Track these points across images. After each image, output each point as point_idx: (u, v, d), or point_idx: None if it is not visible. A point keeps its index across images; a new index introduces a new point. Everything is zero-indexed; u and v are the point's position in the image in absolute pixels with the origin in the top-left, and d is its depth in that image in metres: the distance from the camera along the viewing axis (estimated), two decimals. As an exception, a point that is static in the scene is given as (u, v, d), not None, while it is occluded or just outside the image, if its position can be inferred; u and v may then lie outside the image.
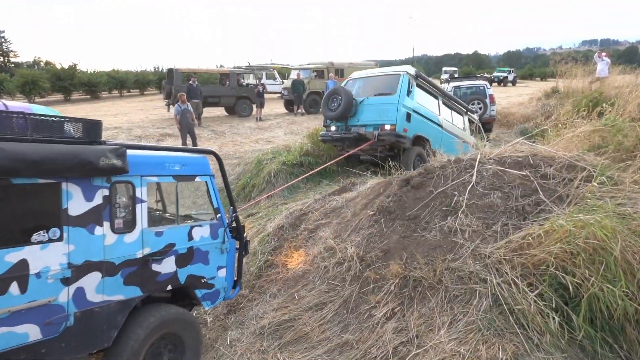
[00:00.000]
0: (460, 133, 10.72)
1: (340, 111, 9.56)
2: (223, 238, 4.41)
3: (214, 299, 4.40)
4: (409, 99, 9.19)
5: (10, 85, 31.75)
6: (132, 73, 38.28)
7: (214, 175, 4.39)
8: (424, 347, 3.93)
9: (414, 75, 9.47)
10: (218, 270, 4.37)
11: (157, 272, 3.84)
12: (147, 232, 3.78)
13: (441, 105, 10.30)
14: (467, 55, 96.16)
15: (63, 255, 3.28)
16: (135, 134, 15.37)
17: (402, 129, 8.94)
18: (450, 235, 4.82)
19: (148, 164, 3.84)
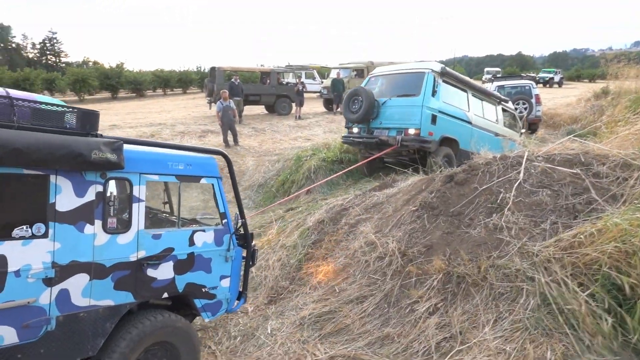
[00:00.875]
0: (493, 127, 10.02)
1: (361, 114, 9.08)
2: (228, 245, 4.09)
3: (215, 311, 4.07)
4: (434, 100, 8.60)
5: (61, 83, 33.31)
6: (175, 72, 39.33)
7: (221, 178, 4.15)
8: (467, 344, 3.86)
9: (440, 72, 8.83)
10: (221, 280, 4.05)
11: (153, 278, 3.55)
12: (143, 234, 3.50)
13: (470, 100, 9.57)
14: (510, 56, 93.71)
15: (47, 254, 3.02)
16: (179, 130, 15.79)
17: (427, 133, 8.43)
18: (495, 232, 4.71)
19: (148, 161, 3.58)
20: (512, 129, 10.68)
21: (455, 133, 8.96)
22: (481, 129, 9.54)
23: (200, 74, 39.54)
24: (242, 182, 11.49)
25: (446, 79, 8.92)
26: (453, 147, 8.95)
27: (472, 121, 9.33)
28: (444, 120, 8.71)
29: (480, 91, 9.90)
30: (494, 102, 10.33)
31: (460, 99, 9.34)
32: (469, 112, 9.29)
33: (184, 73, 39.38)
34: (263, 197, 10.39)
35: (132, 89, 35.09)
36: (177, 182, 3.82)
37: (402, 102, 8.90)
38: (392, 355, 4.02)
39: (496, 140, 9.59)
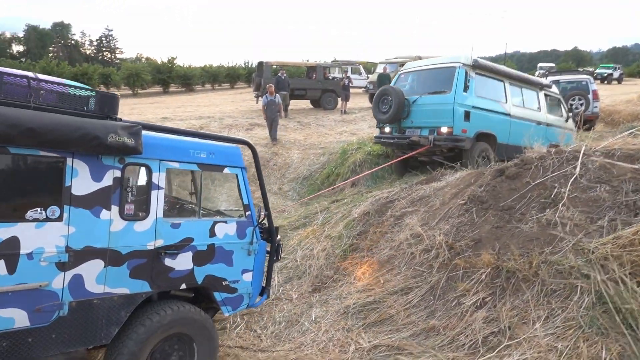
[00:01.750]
0: (534, 115, 9.38)
1: (391, 114, 8.75)
2: (251, 238, 3.97)
3: (235, 305, 3.95)
4: (467, 95, 8.12)
5: (116, 78, 34.79)
6: (223, 67, 40.20)
7: (246, 168, 4.03)
8: (516, 339, 3.77)
9: (471, 65, 8.31)
10: (243, 274, 3.94)
11: (170, 268, 3.47)
12: (161, 223, 3.42)
13: (508, 90, 8.97)
14: (565, 51, 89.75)
15: (61, 237, 2.97)
16: (227, 123, 16.14)
17: (460, 131, 8.02)
18: (548, 227, 4.55)
19: (169, 148, 3.49)
20: (557, 115, 10.10)
21: (492, 127, 8.52)
22: (521, 119, 9.02)
23: (247, 69, 40.23)
24: (287, 175, 11.63)
25: (479, 71, 8.49)
26: (490, 142, 8.54)
27: (511, 112, 8.85)
28: (479, 115, 8.28)
29: (518, 79, 9.33)
30: (535, 89, 9.67)
31: (496, 91, 8.88)
32: (506, 104, 8.81)
33: (231, 68, 40.18)
34: (308, 190, 10.48)
35: (182, 84, 36.16)
36: (199, 170, 3.72)
37: (433, 99, 8.51)
38: (437, 347, 3.98)
39: (539, 129, 9.12)
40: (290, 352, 4.32)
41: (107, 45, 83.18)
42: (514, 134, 8.71)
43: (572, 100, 13.24)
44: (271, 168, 11.97)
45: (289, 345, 4.49)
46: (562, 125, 9.92)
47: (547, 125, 9.42)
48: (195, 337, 3.60)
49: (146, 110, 21.45)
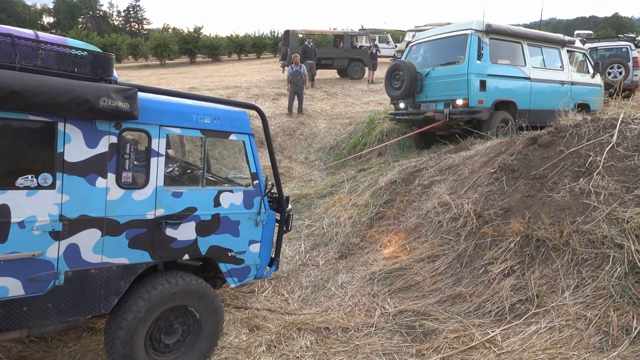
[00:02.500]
0: (557, 76, 8.91)
1: (404, 90, 8.43)
2: (259, 208, 3.80)
3: (242, 276, 3.83)
4: (481, 64, 7.78)
5: (144, 48, 35.02)
6: (250, 37, 39.90)
7: (254, 135, 3.83)
8: (544, 307, 3.75)
9: (484, 30, 7.88)
10: (250, 245, 3.80)
11: (172, 238, 3.36)
12: (162, 191, 3.29)
13: (527, 52, 8.50)
14: (604, 18, 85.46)
15: (54, 206, 2.87)
16: (253, 93, 16.13)
17: (476, 102, 7.68)
18: (581, 197, 4.45)
19: (169, 112, 3.31)
20: (583, 72, 9.61)
21: (511, 94, 8.17)
22: (543, 81, 8.59)
23: (273, 39, 39.84)
24: (314, 144, 11.62)
25: (493, 36, 8.05)
26: (510, 110, 8.19)
27: (531, 76, 8.43)
28: (496, 83, 7.95)
29: (538, 38, 8.83)
30: (557, 47, 9.14)
31: (514, 54, 8.47)
32: (525, 67, 8.39)
33: (258, 38, 39.84)
34: (334, 159, 10.47)
35: (209, 54, 36.14)
36: (202, 137, 3.54)
37: (446, 71, 8.18)
38: (464, 313, 3.99)
39: (563, 89, 8.78)
40: (316, 315, 4.41)
41: (135, 16, 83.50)
42: (535, 98, 8.38)
43: (611, 68, 12.68)
44: (297, 138, 11.97)
45: (315, 309, 4.58)
46: (589, 82, 9.50)
47: (571, 84, 9.01)
48: (199, 311, 3.51)
49: (174, 80, 21.61)
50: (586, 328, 3.45)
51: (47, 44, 2.80)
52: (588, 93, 9.33)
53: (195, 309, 3.50)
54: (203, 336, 3.57)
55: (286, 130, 12.07)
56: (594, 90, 9.49)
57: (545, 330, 3.54)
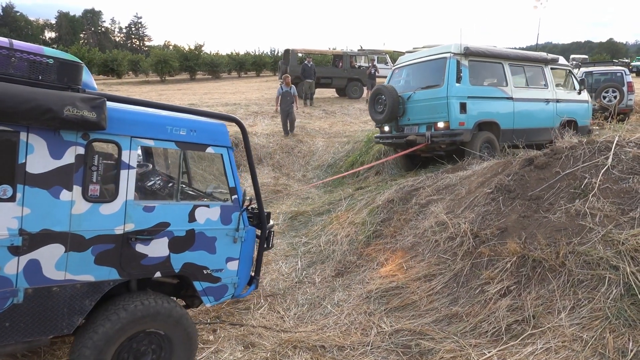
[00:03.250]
0: (541, 94, 8.93)
1: (386, 114, 8.55)
2: (237, 224, 3.64)
3: (219, 295, 3.66)
4: (460, 86, 7.89)
5: (145, 64, 35.33)
6: (250, 55, 40.33)
7: (233, 148, 3.69)
8: (540, 328, 3.74)
9: (463, 53, 8.00)
10: (227, 262, 3.64)
11: (143, 255, 3.20)
12: (132, 206, 3.14)
13: (508, 72, 8.56)
14: (599, 43, 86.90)
15: (13, 219, 2.72)
16: (252, 110, 16.27)
17: (457, 124, 7.78)
18: (577, 218, 4.48)
19: (141, 123, 3.17)
20: (568, 88, 9.65)
21: (493, 114, 8.23)
22: (526, 100, 8.68)
23: (273, 57, 40.29)
24: (312, 162, 11.68)
25: (473, 58, 8.17)
26: (494, 130, 8.26)
27: (513, 95, 8.50)
28: (476, 104, 8.03)
29: (519, 58, 8.93)
30: (540, 65, 9.21)
31: (495, 75, 8.59)
32: (506, 87, 8.47)
33: (258, 56, 40.28)
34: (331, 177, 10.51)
35: (209, 71, 36.46)
36: (177, 149, 3.42)
37: (427, 94, 8.25)
38: (460, 333, 3.98)
39: (548, 108, 8.86)
40: (312, 333, 4.38)
41: (136, 32, 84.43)
42: (519, 117, 8.46)
43: (606, 92, 12.87)
44: (295, 155, 12.03)
45: (311, 327, 4.56)
46: (575, 99, 9.53)
47: (557, 101, 9.09)
48: (171, 335, 3.32)
49: (173, 96, 21.75)
50: (582, 350, 3.44)
51: (21, 52, 2.70)
52: (575, 110, 9.40)
53: (167, 332, 3.31)
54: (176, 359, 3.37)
55: (284, 148, 12.14)
56: (580, 106, 9.55)
57: (542, 352, 3.53)
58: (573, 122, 9.26)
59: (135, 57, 38.15)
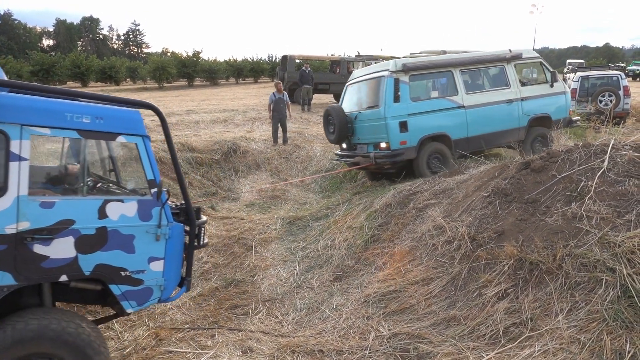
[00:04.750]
0: (503, 95, 8.59)
1: (336, 135, 8.56)
2: (159, 220, 3.32)
3: (142, 300, 3.33)
4: (400, 105, 7.75)
5: (143, 71, 35.46)
6: (248, 62, 40.50)
7: (149, 137, 3.39)
8: (538, 331, 3.75)
9: (402, 69, 7.83)
10: (150, 262, 3.31)
11: (43, 256, 2.88)
12: (26, 201, 2.83)
13: (459, 79, 8.26)
14: (596, 47, 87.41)
15: None
16: (250, 116, 16.32)
17: (398, 144, 7.73)
18: (574, 221, 4.50)
19: (35, 110, 2.88)
20: (537, 83, 9.23)
21: (442, 127, 8.05)
22: (482, 105, 8.37)
23: (271, 64, 40.46)
24: (310, 167, 11.71)
25: (414, 72, 7.98)
26: (445, 142, 8.11)
27: (465, 103, 8.22)
28: (420, 120, 7.88)
29: (473, 62, 8.53)
30: (501, 64, 8.74)
31: (443, 85, 8.43)
32: (456, 96, 8.20)
33: (256, 63, 40.47)
34: (330, 182, 10.53)
35: (207, 78, 36.61)
36: (80, 138, 3.11)
37: (369, 115, 8.15)
38: (458, 336, 3.98)
39: (510, 108, 8.58)
40: (310, 337, 4.38)
41: (134, 39, 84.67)
42: (474, 125, 8.25)
43: (602, 96, 12.95)
44: (294, 161, 12.06)
45: (309, 332, 4.56)
46: (548, 92, 9.09)
47: (522, 100, 8.74)
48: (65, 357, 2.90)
49: (171, 102, 21.80)
50: (580, 352, 3.45)
51: None
52: (547, 104, 9.05)
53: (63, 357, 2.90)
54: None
55: (282, 154, 12.17)
56: (554, 99, 9.16)
57: (540, 354, 3.54)
58: (546, 118, 8.99)
59: (133, 64, 38.33)
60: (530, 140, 8.87)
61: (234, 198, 10.36)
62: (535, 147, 8.81)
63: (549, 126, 8.84)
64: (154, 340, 4.50)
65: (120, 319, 4.94)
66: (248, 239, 7.22)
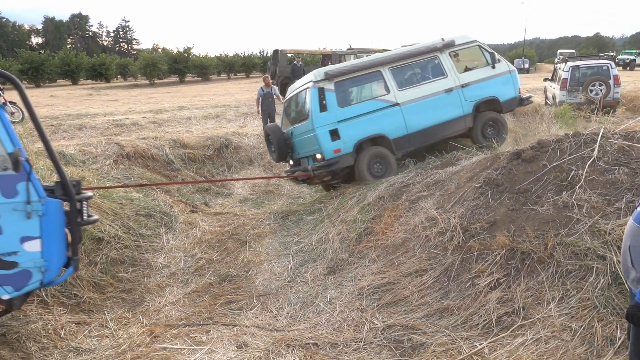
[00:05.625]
0: (440, 86, 8.36)
1: (277, 154, 8.59)
2: (27, 196, 3.07)
3: (20, 284, 3.10)
4: (328, 114, 7.64)
5: (133, 68, 35.21)
6: (239, 57, 40.32)
7: (3, 106, 3.18)
8: (530, 319, 3.78)
9: (325, 78, 7.75)
10: (23, 243, 3.09)
11: None
12: None
13: (390, 77, 8.09)
14: (586, 37, 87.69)
15: None
16: (242, 111, 16.28)
17: (332, 153, 7.63)
18: (565, 210, 4.53)
19: None
20: (478, 67, 8.91)
21: (378, 128, 7.91)
22: (418, 99, 8.16)
23: (263, 58, 40.30)
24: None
25: (339, 78, 7.86)
26: (384, 143, 8.00)
27: (399, 100, 8.06)
28: (352, 125, 7.75)
29: (402, 58, 8.33)
30: (434, 54, 8.51)
31: (373, 86, 8.31)
32: (389, 95, 8.06)
33: (247, 58, 40.29)
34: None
35: (198, 73, 36.41)
36: None
37: (302, 128, 8.09)
38: (451, 326, 4.01)
39: (451, 97, 8.35)
40: (305, 331, 4.39)
41: (124, 36, 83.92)
42: (413, 120, 8.09)
43: (593, 85, 13.00)
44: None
45: (304, 325, 4.57)
46: (491, 75, 8.73)
47: (462, 86, 8.47)
48: None
49: (163, 99, 21.69)
50: (571, 339, 3.49)
51: None
52: (492, 86, 8.69)
53: None
54: None
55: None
56: (498, 80, 8.77)
57: (532, 342, 3.57)
58: (494, 100, 8.73)
59: (123, 61, 38.08)
60: (479, 126, 8.64)
61: (227, 194, 10.34)
62: (487, 133, 8.68)
63: (500, 109, 8.73)
64: (149, 337, 4.49)
65: (114, 317, 4.94)
66: (242, 234, 7.22)
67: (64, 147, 9.60)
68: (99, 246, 5.97)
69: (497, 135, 8.66)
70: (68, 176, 3.39)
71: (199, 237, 7.08)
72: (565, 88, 13.43)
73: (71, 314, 4.93)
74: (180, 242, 6.90)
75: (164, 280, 5.91)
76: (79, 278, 5.38)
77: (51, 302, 4.97)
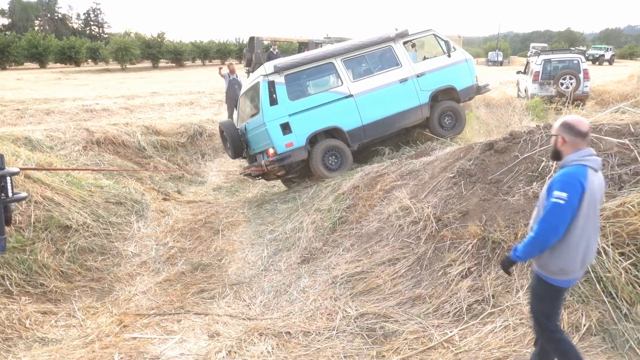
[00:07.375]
0: (394, 76, 8.23)
1: (231, 150, 8.48)
2: None
3: None
4: (278, 107, 7.54)
5: (104, 52, 34.21)
6: (214, 43, 39.63)
7: None
8: (499, 307, 3.85)
9: (275, 71, 7.63)
10: None
11: None
12: None
13: (342, 69, 8.01)
14: (558, 32, 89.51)
15: None
16: (217, 99, 16.04)
17: (284, 147, 7.52)
18: (535, 200, 4.60)
19: None
20: (434, 55, 8.85)
21: (331, 120, 7.81)
22: (372, 90, 8.04)
23: (239, 45, 39.73)
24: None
25: (289, 72, 7.74)
26: (338, 135, 7.95)
27: (352, 92, 7.93)
28: (304, 118, 7.66)
29: (354, 49, 8.20)
30: (387, 45, 8.36)
31: (323, 79, 8.29)
32: (341, 86, 7.95)
33: (222, 44, 39.64)
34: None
35: (172, 59, 35.67)
36: None
37: (253, 123, 7.99)
38: (423, 314, 4.05)
39: (406, 87, 8.22)
40: (278, 320, 4.38)
41: (95, 19, 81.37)
42: (367, 111, 7.99)
43: (563, 78, 13.27)
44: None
45: (277, 314, 4.55)
46: (447, 63, 8.59)
47: (417, 76, 8.34)
48: None
49: (135, 84, 21.16)
50: (539, 326, 3.56)
51: None
52: (449, 74, 8.58)
53: None
54: None
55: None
56: (454, 68, 8.64)
57: (501, 329, 3.64)
58: (451, 89, 8.65)
59: (94, 44, 36.92)
60: (437, 115, 8.54)
61: (200, 182, 10.20)
62: (444, 122, 8.62)
63: (457, 98, 8.71)
64: (118, 327, 4.40)
65: (82, 307, 4.83)
66: (215, 223, 7.13)
67: (30, 132, 9.27)
68: (66, 234, 5.81)
69: (455, 125, 8.65)
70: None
71: (171, 226, 6.96)
72: (537, 81, 13.68)
73: (37, 303, 4.80)
74: (152, 230, 6.77)
75: (135, 269, 5.79)
76: (46, 267, 5.23)
77: (16, 291, 4.82)
